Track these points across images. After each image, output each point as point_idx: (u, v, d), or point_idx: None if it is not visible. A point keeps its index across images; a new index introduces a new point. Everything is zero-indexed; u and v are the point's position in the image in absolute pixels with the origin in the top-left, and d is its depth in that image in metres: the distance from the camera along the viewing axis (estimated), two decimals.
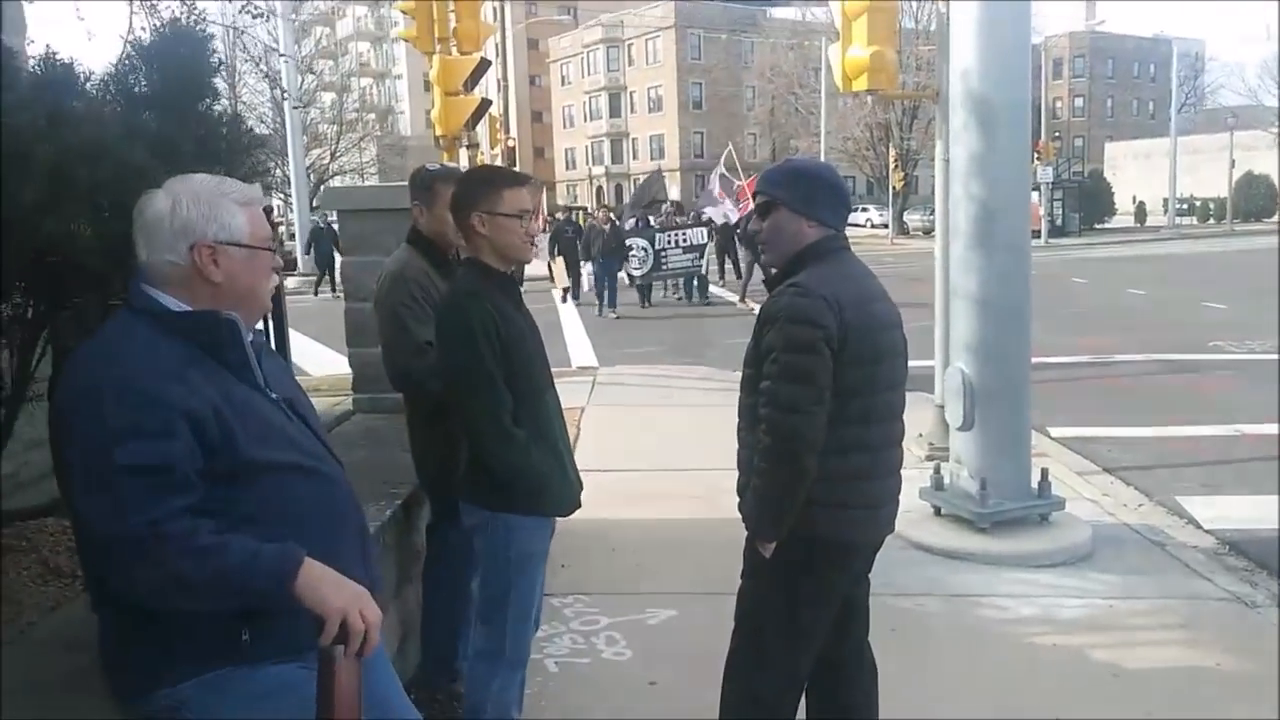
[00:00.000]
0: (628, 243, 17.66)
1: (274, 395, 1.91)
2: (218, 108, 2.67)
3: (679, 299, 19.25)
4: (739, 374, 2.72)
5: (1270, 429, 7.88)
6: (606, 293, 16.95)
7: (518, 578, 2.79)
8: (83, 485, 1.65)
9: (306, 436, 1.94)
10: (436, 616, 3.47)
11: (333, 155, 36.00)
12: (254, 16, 4.75)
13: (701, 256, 18.45)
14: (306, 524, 1.82)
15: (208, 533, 1.68)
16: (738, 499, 2.61)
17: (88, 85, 2.60)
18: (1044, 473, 5.31)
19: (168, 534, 1.64)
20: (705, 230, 18.70)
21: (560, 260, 18.65)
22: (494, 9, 32.33)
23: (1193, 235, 40.55)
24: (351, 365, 5.08)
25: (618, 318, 16.47)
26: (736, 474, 2.65)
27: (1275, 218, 47.89)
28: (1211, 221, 48.29)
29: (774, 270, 2.68)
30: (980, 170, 4.94)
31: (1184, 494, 6.33)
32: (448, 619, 3.44)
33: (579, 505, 2.91)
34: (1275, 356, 11.23)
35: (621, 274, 17.62)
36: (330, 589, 1.73)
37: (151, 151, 2.46)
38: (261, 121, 35.77)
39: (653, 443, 7.52)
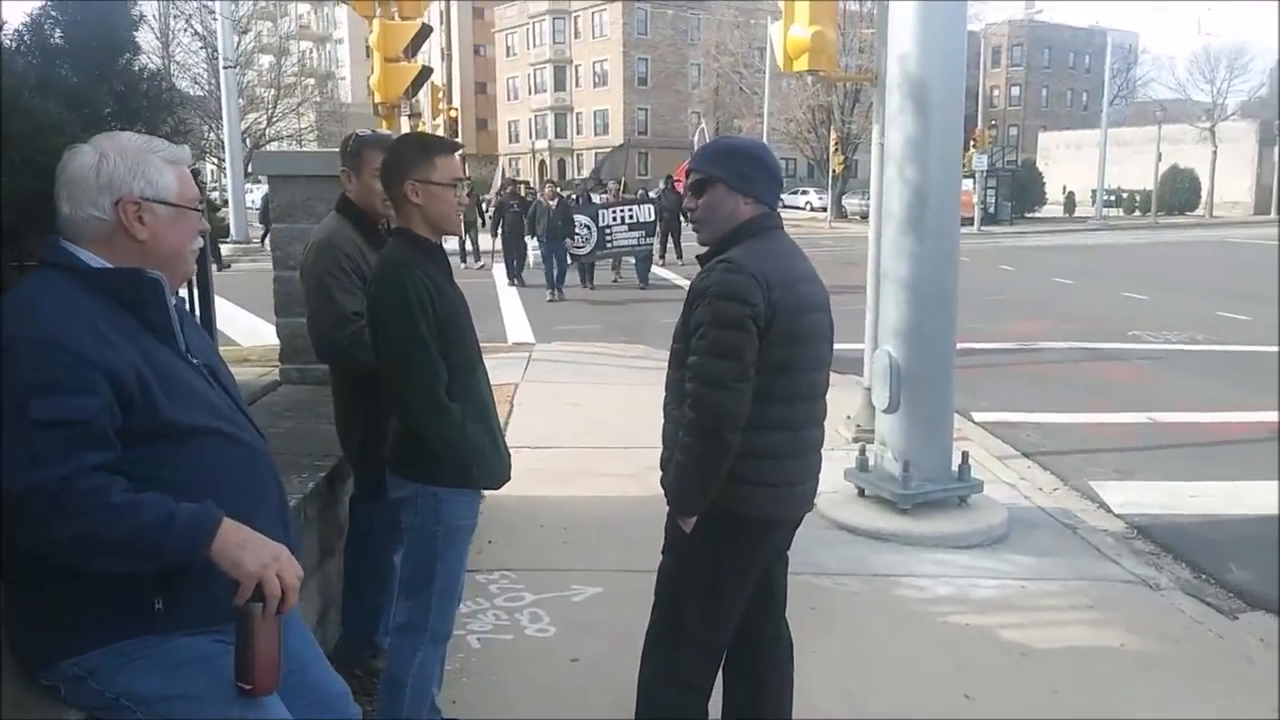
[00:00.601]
0: (574, 219, 16.76)
1: (195, 361, 1.89)
2: (139, 63, 2.58)
3: (615, 281, 18.24)
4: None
5: (1181, 417, 8.20)
6: (556, 273, 16.08)
7: (445, 551, 2.78)
8: None
9: (227, 405, 1.92)
10: (357, 590, 3.44)
11: (269, 120, 35.08)
12: None
13: (650, 235, 17.75)
14: (225, 491, 1.80)
15: (121, 490, 1.66)
16: (660, 473, 2.63)
17: (0, 36, 2.49)
18: (964, 456, 5.45)
19: (80, 489, 1.62)
20: (652, 207, 17.90)
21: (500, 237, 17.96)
22: None
23: (1119, 226, 41.73)
24: (279, 335, 4.98)
25: (561, 299, 15.79)
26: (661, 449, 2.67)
27: (1199, 211, 49.65)
28: (1137, 214, 49.73)
29: (707, 247, 2.69)
30: (914, 155, 5.01)
31: (1098, 479, 6.54)
32: (369, 593, 3.42)
33: (508, 478, 2.90)
34: (1190, 347, 11.68)
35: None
36: (248, 552, 1.72)
37: (67, 106, 2.37)
38: (195, 83, 34.71)
39: (585, 420, 7.53)
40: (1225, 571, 4.95)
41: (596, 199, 18.78)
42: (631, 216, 17.15)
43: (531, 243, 17.79)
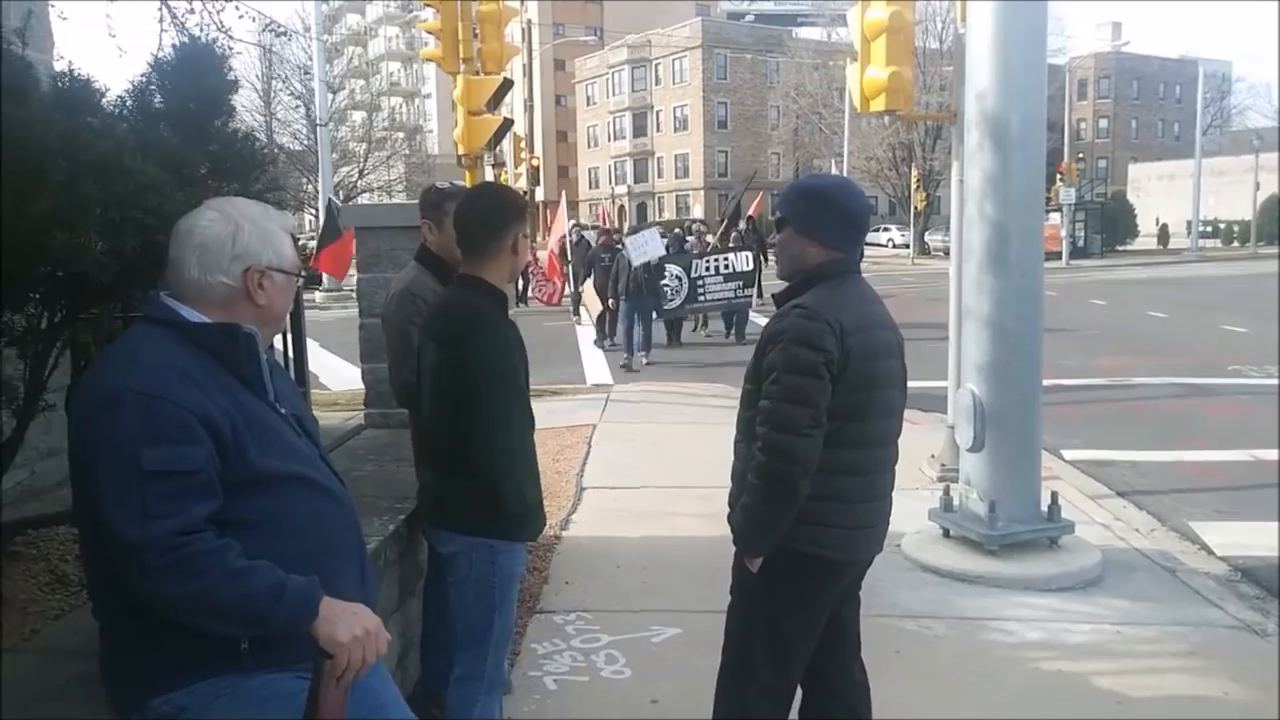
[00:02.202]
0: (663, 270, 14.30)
1: (283, 410, 1.97)
2: (234, 124, 2.73)
3: (708, 335, 16.17)
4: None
5: None
6: (640, 336, 13.43)
7: (501, 602, 2.83)
8: (107, 490, 1.68)
9: (313, 454, 2.00)
10: (436, 632, 3.49)
11: (361, 173, 36.37)
12: (278, 35, 4.84)
13: (748, 285, 15.17)
14: (308, 538, 1.87)
15: (237, 554, 1.72)
16: (728, 510, 2.63)
17: (104, 102, 2.67)
18: (1054, 496, 5.28)
19: (199, 549, 1.68)
20: (750, 255, 15.30)
21: (590, 286, 15.30)
22: (521, 30, 32.69)
23: (1216, 258, 40.16)
24: (364, 381, 5.14)
25: (636, 369, 12.92)
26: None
27: None
28: (1235, 244, 47.88)
29: (784, 284, 2.71)
30: (994, 191, 4.94)
31: (1198, 519, 6.27)
32: (444, 637, 3.47)
33: (544, 526, 2.99)
34: None
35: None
36: (342, 625, 1.77)
37: (165, 166, 2.52)
38: (295, 138, 36.22)
39: (663, 461, 7.53)
40: None
41: (688, 244, 16.66)
42: (727, 266, 14.91)
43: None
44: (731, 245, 15.74)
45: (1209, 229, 48.16)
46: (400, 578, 3.51)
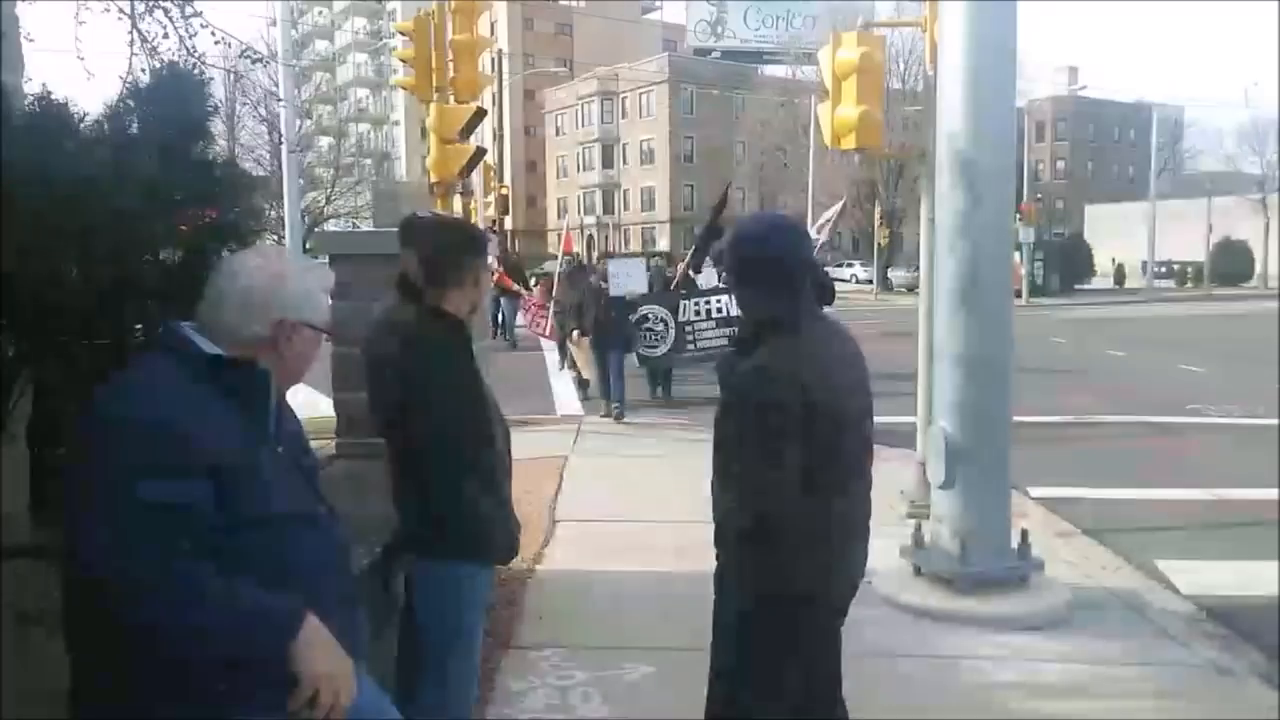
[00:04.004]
0: (641, 312, 11.93)
1: (281, 449, 1.95)
2: (214, 150, 2.69)
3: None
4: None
5: (1248, 494, 7.94)
6: (613, 385, 11.31)
7: (459, 625, 2.80)
8: (97, 516, 1.65)
9: (311, 493, 1.99)
10: (404, 663, 3.43)
11: (328, 199, 36.12)
12: (254, 61, 4.78)
13: None
14: (300, 579, 1.84)
15: (214, 576, 1.69)
16: (715, 550, 2.62)
17: (81, 126, 2.62)
18: (1024, 534, 5.31)
19: (176, 574, 1.65)
20: None
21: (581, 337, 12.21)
22: (492, 60, 32.85)
23: (1170, 298, 41.07)
24: (337, 410, 5.06)
25: (620, 418, 11.05)
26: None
27: (1253, 282, 48.77)
28: (1189, 285, 49.01)
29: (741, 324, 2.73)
30: (966, 231, 5.01)
31: (1163, 558, 6.32)
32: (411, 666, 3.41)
33: (516, 553, 2.95)
34: (1253, 421, 11.36)
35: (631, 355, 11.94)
36: (320, 654, 1.75)
37: (142, 193, 2.47)
38: (259, 164, 35.92)
39: (636, 493, 7.50)
40: None
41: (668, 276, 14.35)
42: (720, 309, 12.09)
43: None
44: (721, 285, 12.39)
45: (1163, 269, 49.28)
46: (375, 611, 3.43)
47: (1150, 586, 5.78)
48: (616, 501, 7.22)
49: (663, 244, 60.46)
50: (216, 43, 4.67)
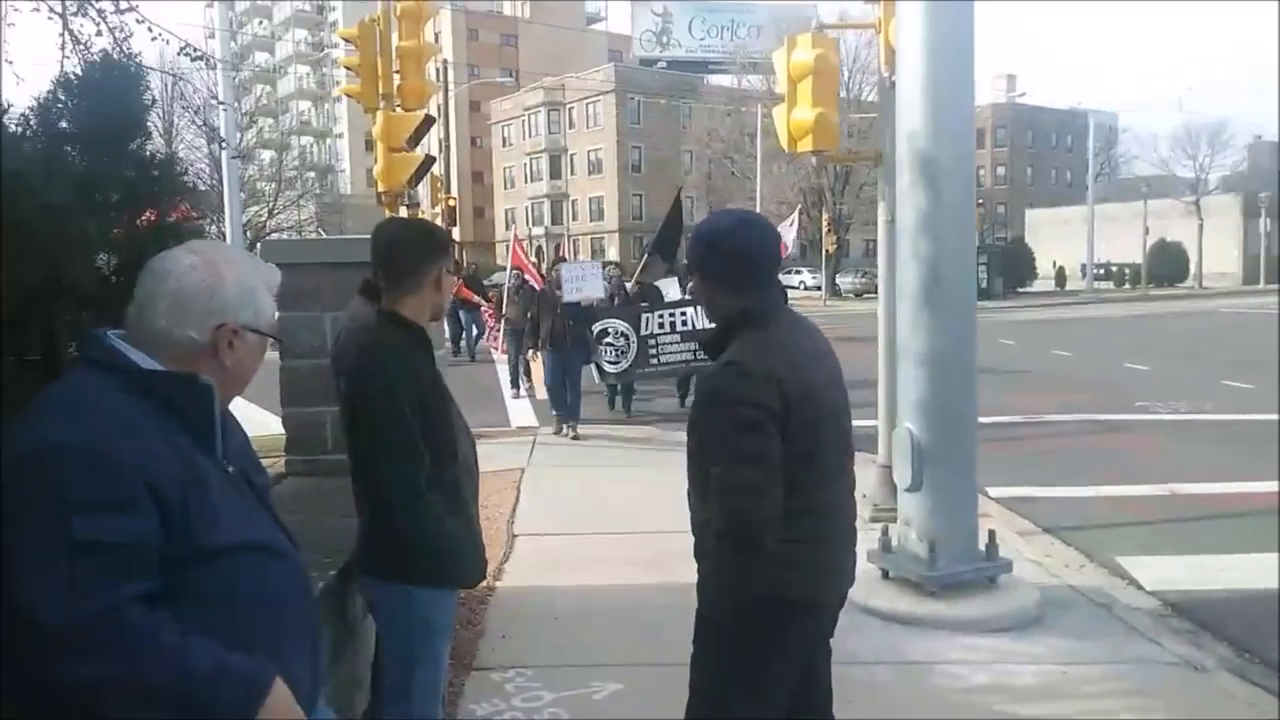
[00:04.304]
0: (600, 325, 11.22)
1: (231, 469, 1.76)
2: (152, 147, 2.51)
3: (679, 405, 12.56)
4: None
5: (1200, 488, 8.04)
6: (570, 398, 10.65)
7: (424, 654, 2.65)
8: (28, 561, 1.43)
9: (264, 516, 1.80)
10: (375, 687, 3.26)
11: (270, 213, 35.53)
12: (193, 59, 4.56)
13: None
14: (260, 614, 1.66)
15: (169, 630, 1.48)
16: (695, 564, 2.49)
17: (5, 119, 2.43)
18: (991, 534, 5.27)
19: (125, 625, 1.44)
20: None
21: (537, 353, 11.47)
22: (436, 70, 32.57)
23: (1110, 299, 42.05)
24: (286, 426, 4.85)
25: (575, 437, 10.35)
26: (686, 536, 2.54)
27: (1188, 282, 50.15)
28: (1127, 286, 50.21)
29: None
30: (928, 229, 4.96)
31: (1124, 554, 6.35)
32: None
33: (484, 576, 2.81)
34: (1200, 416, 11.57)
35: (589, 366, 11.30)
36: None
37: (77, 191, 2.30)
38: (198, 178, 35.18)
39: (596, 505, 7.35)
40: (1268, 649, 4.75)
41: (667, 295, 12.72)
42: (685, 322, 11.36)
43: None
44: (687, 296, 11.54)
45: (1102, 271, 50.41)
46: (332, 638, 3.26)
47: (1114, 583, 5.79)
48: (575, 515, 7.06)
49: (612, 253, 60.39)
50: (154, 39, 4.45)
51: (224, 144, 14.37)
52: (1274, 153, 75.95)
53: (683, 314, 11.44)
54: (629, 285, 13.21)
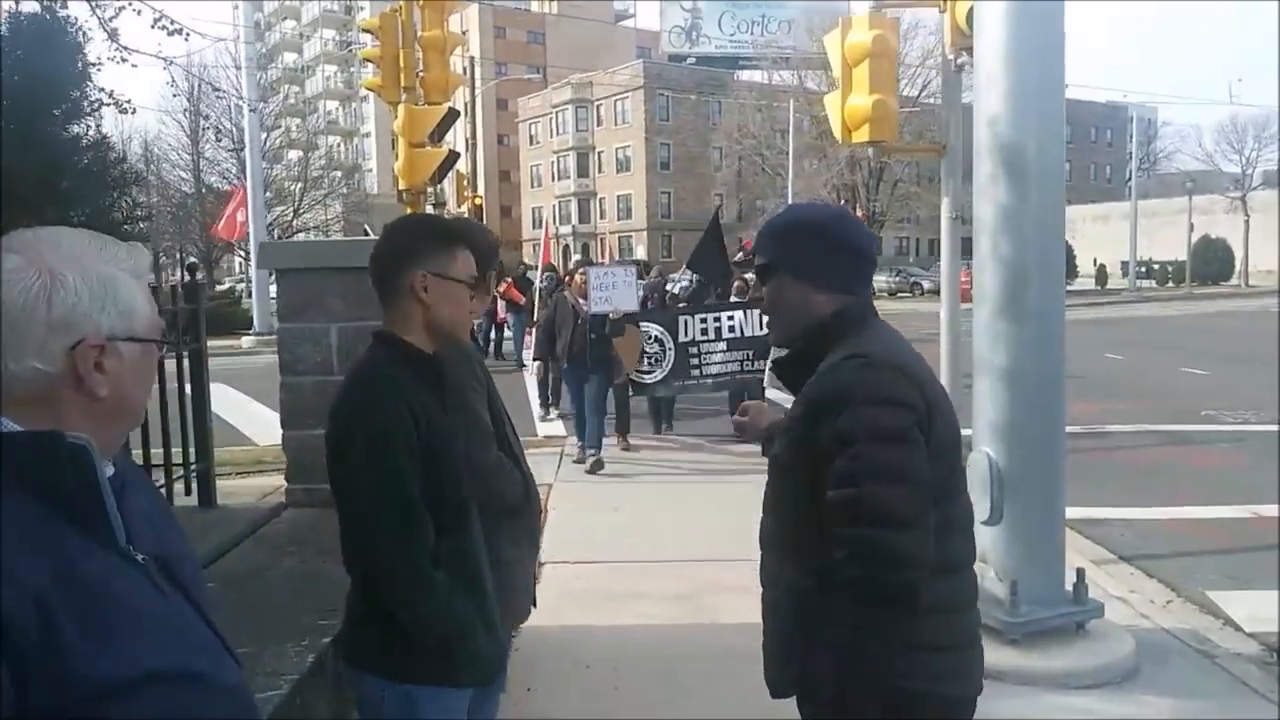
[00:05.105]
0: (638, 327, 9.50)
1: (140, 556, 1.23)
2: (81, 127, 2.00)
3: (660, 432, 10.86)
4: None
5: None
6: (589, 417, 8.96)
7: None
8: None
9: (188, 620, 1.27)
10: None
11: (295, 212, 35.31)
12: (169, 34, 4.13)
13: (762, 355, 9.40)
14: None
15: None
16: (762, 656, 1.94)
17: None
18: (1079, 573, 4.67)
19: None
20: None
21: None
22: (463, 66, 32.21)
23: (1154, 298, 40.97)
24: (286, 449, 4.36)
25: (593, 464, 8.70)
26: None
27: (1233, 280, 48.84)
28: (1170, 284, 48.98)
29: (782, 348, 2.11)
30: (1011, 228, 4.37)
31: (1213, 588, 5.74)
32: None
33: (503, 669, 2.28)
34: (1271, 428, 10.83)
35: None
36: None
37: None
38: (224, 177, 35.06)
39: (630, 528, 6.80)
40: None
41: (678, 286, 12.08)
42: (733, 328, 9.73)
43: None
44: (734, 298, 10.58)
45: (1144, 269, 49.23)
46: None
47: (1208, 623, 5.20)
48: (608, 539, 6.52)
49: (640, 252, 59.90)
50: (172, 33, 4.05)
51: (247, 148, 13.96)
52: None
53: (730, 318, 9.81)
54: (674, 286, 11.76)
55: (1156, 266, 51.10)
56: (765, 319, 2.18)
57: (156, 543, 1.26)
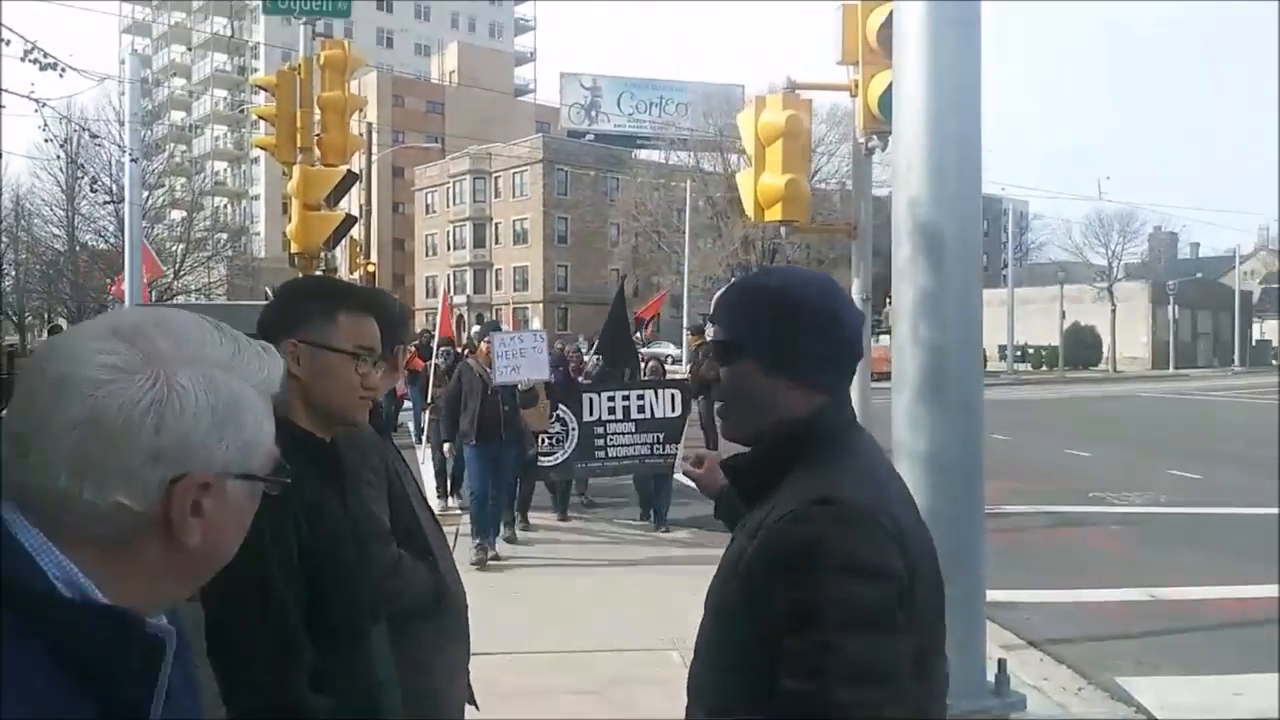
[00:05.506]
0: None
1: None
2: None
3: (586, 502, 10.60)
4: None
5: (1184, 593, 7.50)
6: (490, 504, 8.11)
7: None
8: None
9: None
10: None
11: (176, 274, 33.92)
12: (27, 60, 3.76)
13: (672, 441, 9.06)
14: None
15: None
16: None
17: None
18: (1001, 664, 4.55)
19: None
20: (678, 395, 9.33)
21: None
22: (359, 132, 31.86)
23: (1030, 381, 42.94)
24: None
25: (492, 558, 7.85)
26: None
27: (1102, 365, 51.62)
28: (1045, 368, 51.42)
29: (737, 445, 1.67)
30: (931, 311, 4.32)
31: (1122, 674, 5.72)
32: None
33: None
34: (1160, 510, 11.17)
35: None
36: None
37: None
38: (100, 235, 33.50)
39: (532, 614, 6.42)
40: None
41: (586, 364, 11.39)
42: (642, 407, 9.18)
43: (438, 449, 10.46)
44: (646, 376, 10.21)
45: (1020, 354, 51.58)
46: None
47: (1121, 712, 5.19)
48: (507, 626, 6.11)
49: (536, 324, 59.67)
50: (44, 68, 3.66)
51: (129, 207, 13.31)
52: (1173, 244, 79.85)
53: (640, 397, 9.20)
54: (590, 359, 11.13)
55: (1031, 351, 53.65)
56: (716, 408, 1.71)
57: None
